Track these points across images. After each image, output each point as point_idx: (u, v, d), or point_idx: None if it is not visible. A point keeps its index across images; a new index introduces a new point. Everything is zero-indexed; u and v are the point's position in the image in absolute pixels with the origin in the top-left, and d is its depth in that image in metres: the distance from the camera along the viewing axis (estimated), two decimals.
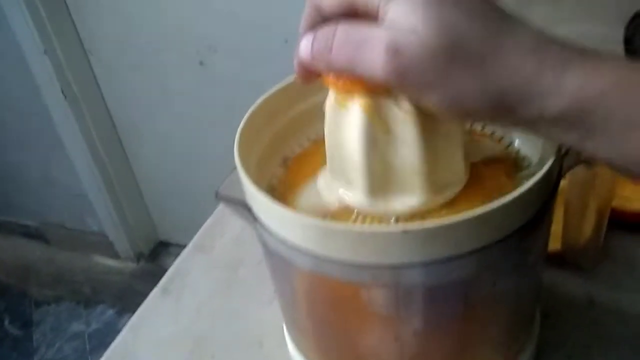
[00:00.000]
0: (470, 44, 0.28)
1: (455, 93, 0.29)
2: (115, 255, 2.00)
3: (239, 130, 0.41)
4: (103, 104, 1.76)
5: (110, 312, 1.89)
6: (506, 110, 0.29)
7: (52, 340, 1.84)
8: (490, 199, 0.31)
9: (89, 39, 1.65)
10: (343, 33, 0.31)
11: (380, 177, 0.36)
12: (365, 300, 0.36)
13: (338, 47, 0.30)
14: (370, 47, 0.29)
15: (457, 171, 0.38)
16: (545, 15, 0.96)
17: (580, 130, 0.28)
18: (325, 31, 0.31)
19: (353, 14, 0.32)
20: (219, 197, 0.41)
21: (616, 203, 0.59)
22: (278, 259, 0.37)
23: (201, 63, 1.55)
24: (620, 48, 0.83)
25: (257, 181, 0.43)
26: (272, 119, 0.45)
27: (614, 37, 0.85)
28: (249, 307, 0.59)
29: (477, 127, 0.46)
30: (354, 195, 0.37)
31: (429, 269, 0.32)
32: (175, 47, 1.55)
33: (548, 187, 0.35)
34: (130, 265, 1.99)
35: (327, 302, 0.39)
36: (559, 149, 0.35)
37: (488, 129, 0.45)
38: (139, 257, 2.00)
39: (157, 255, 2.00)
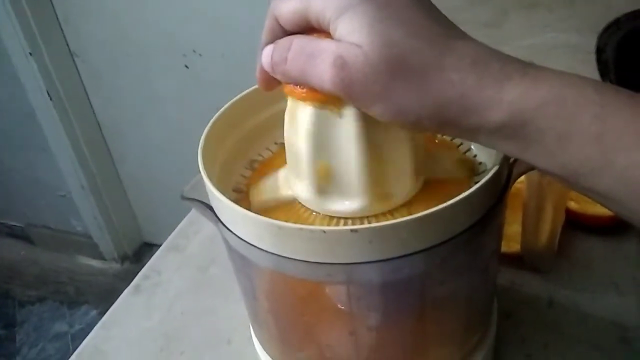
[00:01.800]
0: (412, 60, 0.30)
1: (398, 106, 0.31)
2: (100, 256, 2.01)
3: (203, 134, 0.42)
4: (89, 105, 1.77)
5: (94, 312, 1.90)
6: (448, 121, 0.31)
7: (35, 341, 1.84)
8: (445, 201, 0.33)
9: (75, 41, 1.66)
10: (297, 46, 0.33)
11: (324, 179, 0.37)
12: (321, 296, 0.37)
13: (292, 59, 0.33)
14: (320, 60, 0.31)
15: (404, 182, 0.39)
16: (520, 25, 0.98)
17: (518, 141, 0.30)
18: (282, 43, 0.34)
19: (309, 29, 0.34)
20: (183, 198, 0.42)
21: (576, 206, 0.61)
22: (239, 257, 0.39)
23: (186, 66, 1.56)
24: (592, 57, 0.85)
25: (222, 183, 0.45)
26: (239, 124, 0.47)
27: (587, 47, 0.87)
28: (218, 305, 0.60)
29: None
30: (304, 192, 0.39)
31: (379, 267, 0.33)
32: (160, 50, 1.56)
33: (495, 192, 0.36)
34: (114, 266, 2.00)
35: (285, 299, 0.40)
36: (508, 157, 0.37)
37: (446, 136, 0.47)
38: (123, 258, 2.01)
39: (141, 257, 2.01)
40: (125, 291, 0.65)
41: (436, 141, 0.46)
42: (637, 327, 0.53)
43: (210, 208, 0.40)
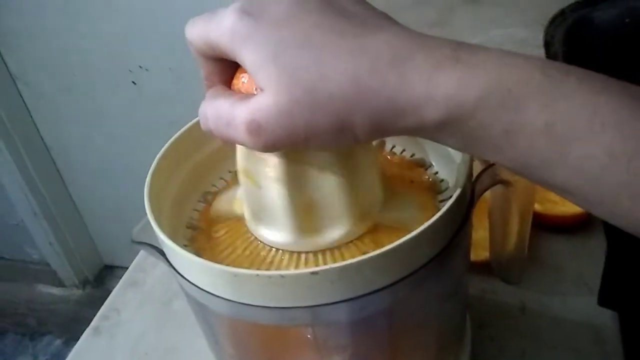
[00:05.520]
0: (326, 81, 0.27)
1: (329, 133, 0.28)
2: (60, 283, 1.95)
3: (149, 172, 0.40)
4: (34, 129, 1.72)
5: (58, 342, 1.84)
6: (386, 128, 0.28)
7: None
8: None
9: (15, 64, 1.61)
10: (213, 115, 0.31)
11: (305, 216, 0.35)
12: (287, 339, 0.35)
13: (215, 129, 0.31)
14: (235, 129, 0.29)
15: (375, 191, 0.38)
16: (467, 22, 0.98)
17: (463, 137, 0.27)
18: (201, 111, 0.32)
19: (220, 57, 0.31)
20: (133, 242, 0.40)
21: (542, 207, 0.60)
22: (196, 303, 0.36)
23: (133, 82, 1.52)
24: (541, 51, 0.85)
25: (175, 220, 0.42)
26: (188, 156, 0.44)
27: (534, 41, 0.87)
28: (184, 341, 0.58)
29: (395, 151, 0.46)
30: (280, 235, 0.37)
31: (344, 307, 0.31)
32: (106, 68, 1.52)
33: (460, 214, 0.35)
34: (76, 292, 1.94)
35: (249, 344, 0.38)
36: (470, 176, 0.35)
37: (406, 153, 0.45)
38: (84, 283, 1.95)
39: (102, 280, 1.96)
40: (85, 333, 0.61)
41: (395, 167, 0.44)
42: (610, 327, 0.52)
43: (162, 252, 0.37)
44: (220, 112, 0.30)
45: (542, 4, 0.94)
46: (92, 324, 0.62)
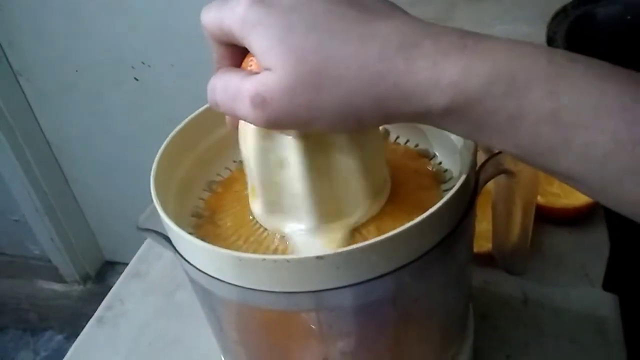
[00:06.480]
0: (331, 66, 0.27)
1: (333, 115, 0.28)
2: (61, 279, 1.95)
3: (155, 160, 0.40)
4: (37, 126, 1.72)
5: (59, 337, 1.84)
6: (391, 113, 0.28)
7: None
8: (415, 214, 0.31)
9: (17, 61, 1.61)
10: (220, 88, 0.31)
11: (326, 201, 0.35)
12: (291, 325, 0.35)
13: (221, 102, 0.31)
14: (241, 102, 0.29)
15: (384, 172, 0.38)
16: (469, 19, 0.98)
17: (468, 123, 0.27)
18: (210, 85, 0.32)
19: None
20: (139, 229, 0.40)
21: (545, 200, 0.60)
22: (201, 289, 0.37)
23: (136, 79, 1.53)
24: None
25: (180, 208, 0.43)
26: (194, 145, 0.45)
27: (537, 36, 0.87)
28: (188, 331, 0.58)
29: (400, 142, 0.46)
30: (299, 226, 0.37)
31: (348, 292, 0.31)
32: (108, 64, 1.52)
33: (463, 202, 0.35)
34: (77, 288, 1.94)
35: (254, 329, 0.38)
36: (474, 165, 0.36)
37: (410, 143, 0.46)
38: (85, 279, 1.95)
39: (103, 276, 1.96)
40: (89, 323, 0.62)
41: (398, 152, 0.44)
42: (612, 318, 0.53)
43: (168, 239, 0.38)
44: (228, 85, 0.31)
45: (544, 1, 0.95)
46: (96, 314, 0.62)
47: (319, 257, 0.30)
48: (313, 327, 0.35)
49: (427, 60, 0.27)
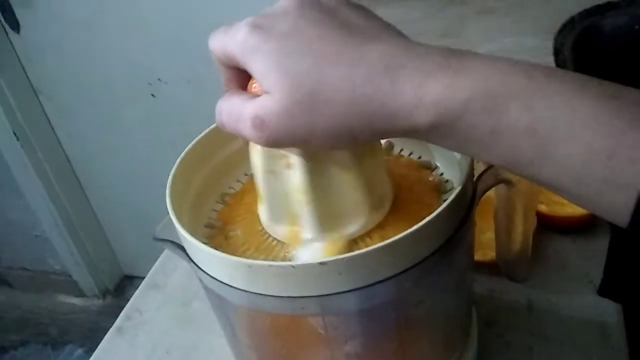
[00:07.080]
0: (324, 89, 0.29)
1: (328, 134, 0.31)
2: (80, 294, 1.98)
3: (171, 173, 0.42)
4: (57, 142, 1.76)
5: (79, 351, 1.87)
6: (380, 130, 0.30)
7: None
8: (416, 222, 0.33)
9: (37, 78, 1.65)
10: (226, 110, 0.34)
11: (327, 213, 0.37)
12: (299, 328, 0.37)
13: (227, 123, 0.34)
14: (243, 124, 0.32)
15: (385, 184, 0.40)
16: (477, 32, 1.00)
17: (454, 138, 0.29)
18: (218, 106, 0.35)
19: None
20: (155, 239, 0.42)
21: (549, 209, 0.62)
22: (214, 295, 0.39)
23: (153, 95, 1.56)
24: (551, 59, 0.87)
25: (194, 219, 0.45)
26: (208, 158, 0.47)
27: (545, 49, 0.89)
28: (204, 340, 0.60)
29: (403, 153, 0.48)
30: (303, 235, 0.39)
31: (351, 296, 0.33)
32: (125, 81, 1.55)
33: (461, 210, 0.37)
34: (97, 302, 1.97)
35: (264, 333, 0.40)
36: (471, 175, 0.37)
37: (413, 156, 0.47)
38: (104, 293, 1.98)
39: (122, 290, 1.99)
40: (108, 333, 0.64)
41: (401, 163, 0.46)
42: (616, 324, 0.54)
43: (183, 248, 0.40)
44: (233, 107, 0.33)
45: (550, 13, 0.96)
46: (116, 324, 0.64)
47: (322, 263, 0.32)
48: (319, 330, 0.37)
49: (411, 81, 0.28)
